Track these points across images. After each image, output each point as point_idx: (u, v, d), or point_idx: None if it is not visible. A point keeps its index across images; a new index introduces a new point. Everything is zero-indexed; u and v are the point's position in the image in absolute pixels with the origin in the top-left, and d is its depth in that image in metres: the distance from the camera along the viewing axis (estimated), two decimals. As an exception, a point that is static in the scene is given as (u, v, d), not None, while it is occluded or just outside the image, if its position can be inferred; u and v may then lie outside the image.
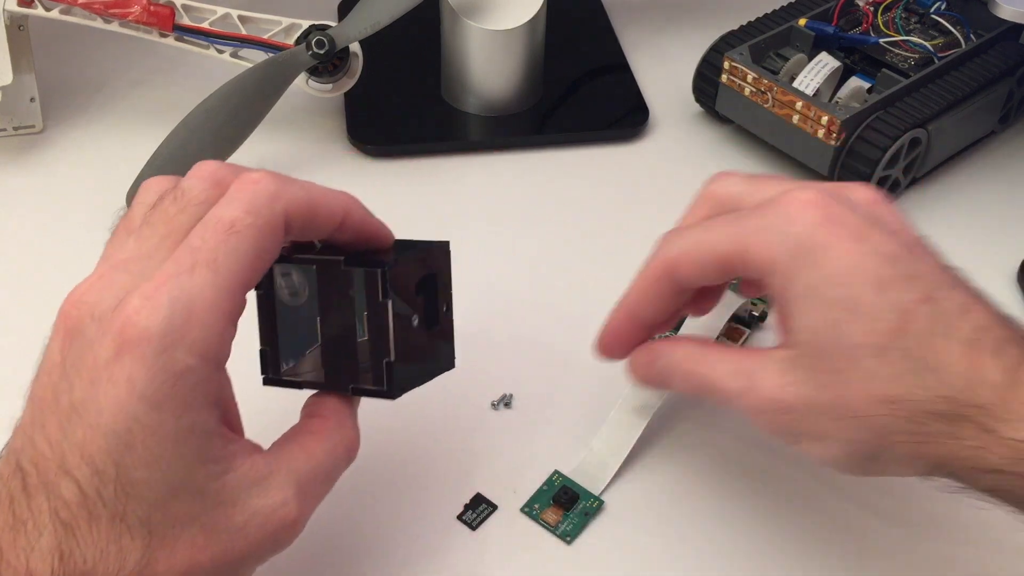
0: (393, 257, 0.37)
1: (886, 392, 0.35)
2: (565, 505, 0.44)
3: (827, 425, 0.36)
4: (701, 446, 0.47)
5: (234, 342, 0.34)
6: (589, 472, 0.46)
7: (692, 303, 0.43)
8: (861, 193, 0.39)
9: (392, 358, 0.37)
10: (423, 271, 0.39)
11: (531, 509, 0.44)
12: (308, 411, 0.39)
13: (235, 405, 0.37)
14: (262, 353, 0.39)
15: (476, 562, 0.43)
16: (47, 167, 0.61)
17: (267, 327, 0.38)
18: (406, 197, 0.60)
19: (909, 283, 0.36)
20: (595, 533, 0.44)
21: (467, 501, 0.45)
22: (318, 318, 0.38)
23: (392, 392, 0.37)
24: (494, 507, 0.44)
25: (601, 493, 0.45)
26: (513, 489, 0.45)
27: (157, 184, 0.36)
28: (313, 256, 0.37)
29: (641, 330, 0.42)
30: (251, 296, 0.36)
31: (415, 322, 0.38)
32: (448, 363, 0.41)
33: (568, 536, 0.44)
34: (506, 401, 0.49)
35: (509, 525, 0.44)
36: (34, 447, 0.32)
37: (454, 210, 0.60)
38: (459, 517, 0.44)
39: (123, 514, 0.32)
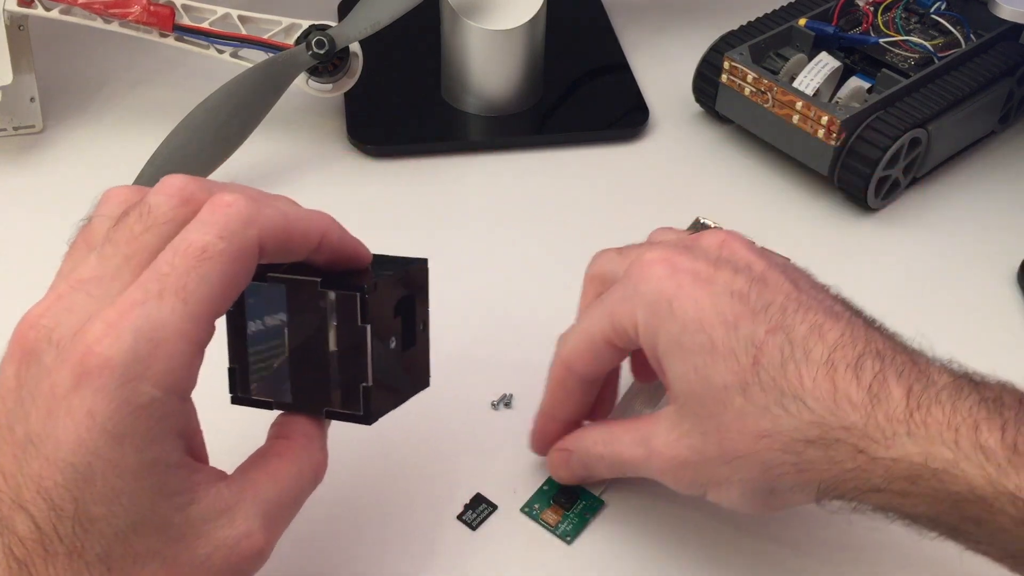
0: (372, 280, 0.36)
1: (758, 427, 0.36)
2: (565, 505, 0.44)
3: (720, 470, 0.38)
4: (701, 446, 0.47)
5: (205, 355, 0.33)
6: (589, 472, 0.46)
7: (638, 372, 0.45)
8: (709, 239, 0.40)
9: (370, 383, 0.36)
10: (401, 292, 0.38)
11: (531, 509, 0.44)
12: (275, 432, 0.37)
13: (200, 433, 0.35)
14: (231, 371, 0.37)
15: (476, 562, 0.43)
16: (47, 167, 0.61)
17: (237, 345, 0.37)
18: (406, 197, 0.60)
19: (757, 316, 0.37)
20: (595, 533, 0.44)
21: (467, 501, 0.45)
22: (290, 338, 0.36)
23: (369, 418, 0.37)
24: (494, 507, 0.44)
25: (601, 493, 0.45)
26: (513, 489, 0.45)
27: (120, 195, 0.34)
28: (287, 276, 0.36)
29: (567, 427, 0.44)
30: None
31: (392, 345, 0.37)
32: (423, 382, 0.40)
33: (568, 536, 0.44)
34: (506, 401, 0.49)
35: (509, 525, 0.44)
36: None
37: (454, 210, 0.60)
38: (459, 517, 0.44)
39: (81, 550, 0.30)
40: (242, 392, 0.37)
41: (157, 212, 0.33)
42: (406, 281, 0.38)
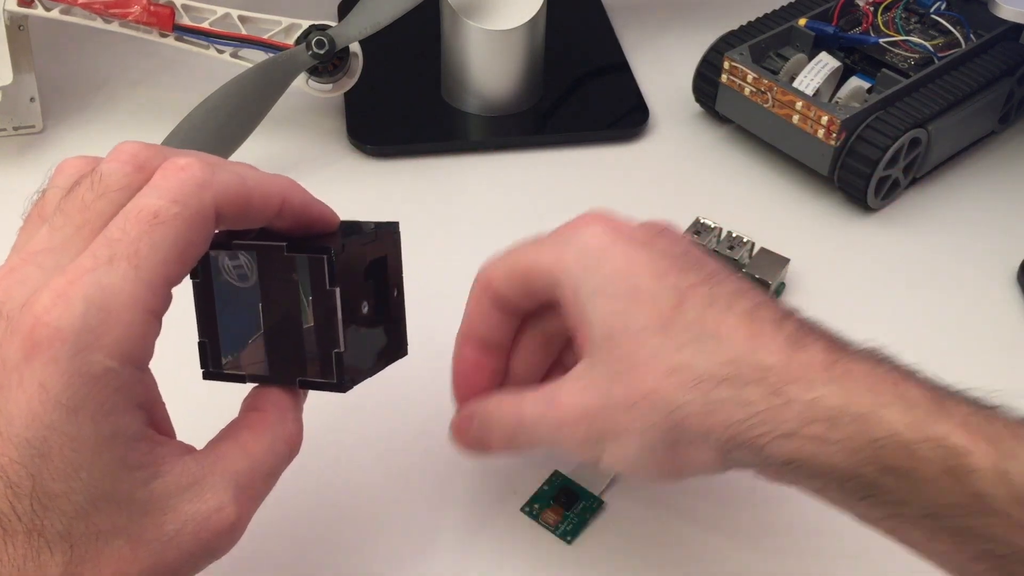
0: (340, 242, 0.35)
1: (670, 363, 0.35)
2: (565, 505, 0.44)
3: (621, 418, 0.36)
4: (701, 446, 0.47)
5: (175, 333, 0.32)
6: (589, 472, 0.46)
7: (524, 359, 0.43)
8: (648, 222, 0.40)
9: (342, 348, 0.35)
10: (372, 255, 0.37)
11: (531, 509, 0.44)
12: (248, 404, 0.36)
13: (162, 405, 0.34)
14: (201, 345, 0.36)
15: (476, 562, 0.43)
16: (47, 167, 0.61)
17: (205, 318, 0.36)
18: (406, 197, 0.60)
19: (685, 272, 0.37)
20: (595, 533, 0.44)
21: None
22: (260, 307, 0.35)
23: (343, 384, 0.35)
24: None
25: (601, 493, 0.45)
26: (513, 489, 0.45)
27: (73, 166, 0.33)
28: (252, 242, 0.35)
29: (483, 354, 0.42)
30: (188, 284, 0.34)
31: (364, 309, 0.36)
32: (400, 350, 0.39)
33: (568, 536, 0.44)
34: (506, 401, 0.49)
35: (509, 525, 0.44)
36: None
37: (454, 210, 0.60)
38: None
39: (41, 528, 0.29)
40: (214, 367, 0.36)
41: (109, 179, 0.32)
42: (376, 244, 0.37)
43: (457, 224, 0.59)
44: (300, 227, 0.35)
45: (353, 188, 0.61)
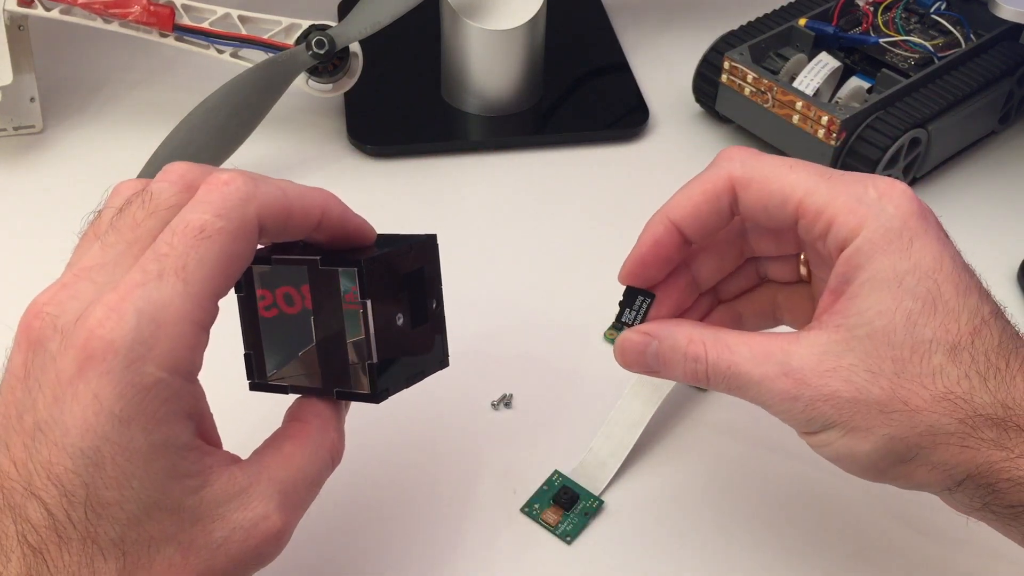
0: (372, 254, 0.36)
1: (948, 388, 0.34)
2: (565, 505, 0.44)
3: (871, 418, 0.35)
4: (701, 446, 0.47)
5: (221, 346, 0.33)
6: (589, 472, 0.46)
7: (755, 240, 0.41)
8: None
9: (375, 360, 0.35)
10: (407, 267, 0.37)
11: (531, 509, 0.44)
12: (290, 415, 0.37)
13: (210, 416, 0.35)
14: (247, 357, 0.37)
15: (476, 562, 0.43)
16: (47, 167, 0.61)
17: (250, 330, 0.37)
18: (406, 197, 0.60)
19: (985, 298, 0.36)
20: (595, 533, 0.44)
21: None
22: (301, 320, 0.36)
23: (376, 396, 0.36)
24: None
25: (601, 493, 0.45)
26: (513, 489, 0.45)
27: (127, 187, 0.34)
28: (291, 256, 0.36)
29: (674, 245, 0.39)
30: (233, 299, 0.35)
31: (399, 321, 0.37)
32: (441, 362, 0.39)
33: (568, 536, 0.44)
34: (506, 401, 0.49)
35: (509, 525, 0.44)
36: None
37: (454, 210, 0.60)
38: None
39: (95, 536, 0.30)
40: (259, 377, 0.37)
41: (159, 198, 0.33)
42: (412, 256, 0.37)
43: (457, 224, 0.59)
44: (338, 240, 0.36)
45: (353, 188, 0.60)
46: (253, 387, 0.38)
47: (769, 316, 0.43)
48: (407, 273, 0.37)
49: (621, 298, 0.39)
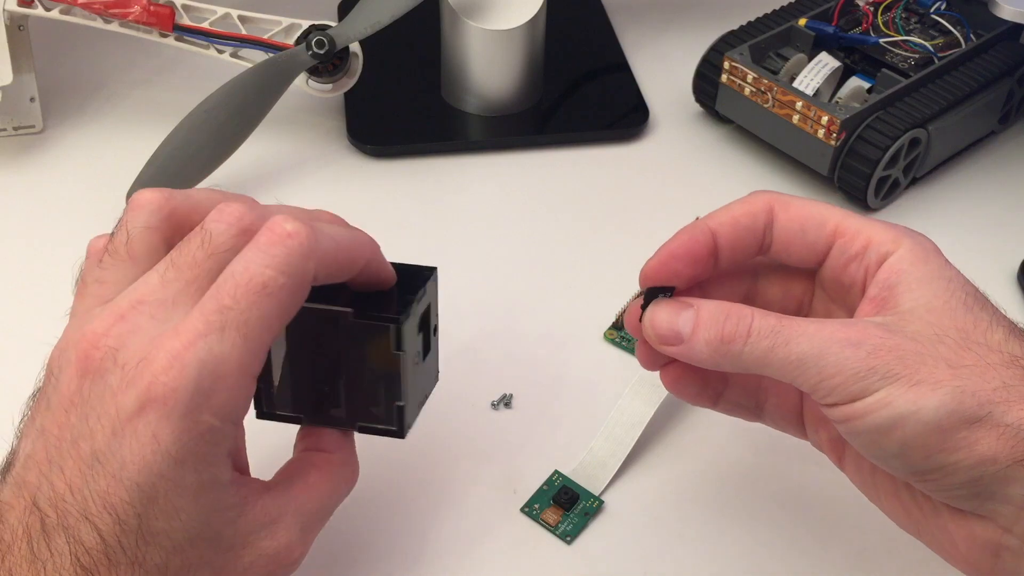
0: (400, 308, 0.37)
1: (1017, 356, 0.34)
2: (565, 505, 0.44)
3: (938, 371, 0.33)
4: (701, 446, 0.47)
5: None
6: (589, 472, 0.46)
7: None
8: None
9: (404, 403, 0.38)
10: (422, 310, 0.39)
11: (531, 509, 0.44)
12: (308, 444, 0.39)
13: (244, 449, 0.38)
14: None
15: (475, 562, 0.43)
16: (47, 167, 0.61)
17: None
18: (406, 197, 0.60)
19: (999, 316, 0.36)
20: (595, 533, 0.44)
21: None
22: (319, 358, 0.38)
23: (403, 432, 0.38)
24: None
25: (601, 493, 0.45)
26: (513, 489, 0.45)
27: (148, 200, 0.35)
28: (320, 307, 0.36)
29: (705, 248, 0.38)
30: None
31: (417, 361, 0.39)
32: (436, 378, 0.42)
33: (568, 536, 0.44)
34: (506, 401, 0.49)
35: (509, 525, 0.44)
36: (52, 489, 0.32)
37: (454, 210, 0.60)
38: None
39: (142, 560, 0.33)
40: (267, 408, 0.39)
41: (218, 240, 0.34)
42: (425, 298, 0.39)
43: (457, 224, 0.59)
44: (367, 284, 0.38)
45: (353, 188, 0.61)
46: (261, 416, 0.39)
47: (752, 396, 0.41)
48: (421, 314, 0.39)
49: (642, 300, 0.39)
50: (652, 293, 0.38)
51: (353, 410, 0.38)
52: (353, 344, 0.37)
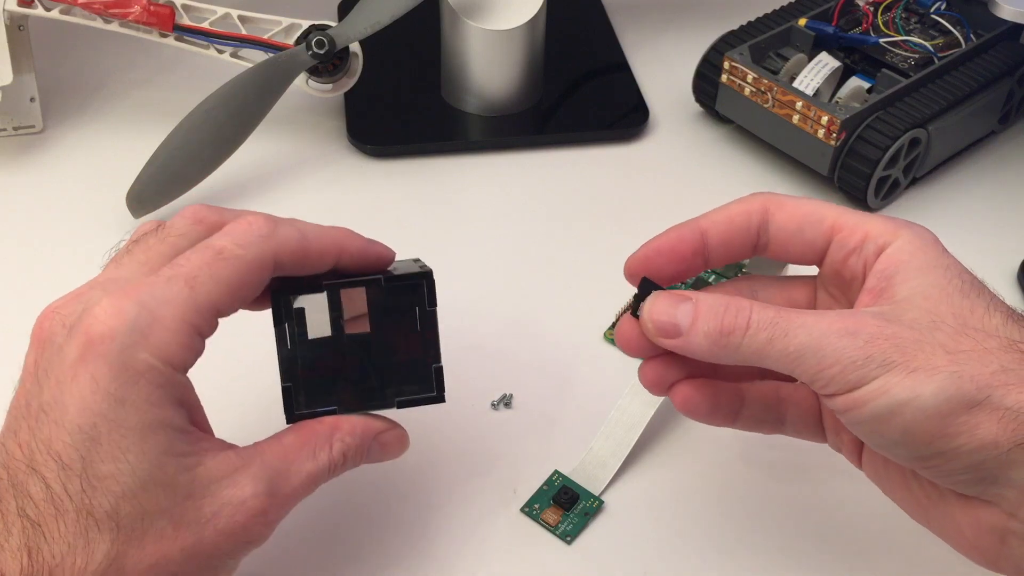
0: (419, 267, 0.38)
1: (1015, 340, 0.34)
2: (565, 505, 0.44)
3: (935, 358, 0.33)
4: (701, 446, 0.47)
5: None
6: (589, 472, 0.46)
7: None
8: None
9: (441, 363, 0.38)
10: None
11: (531, 509, 0.44)
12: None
13: (202, 410, 0.37)
14: (285, 390, 0.38)
15: (475, 562, 0.43)
16: (47, 167, 0.61)
17: (288, 362, 0.38)
18: (406, 197, 0.60)
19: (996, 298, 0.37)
20: (595, 533, 0.44)
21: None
22: (348, 342, 0.38)
23: (442, 396, 0.38)
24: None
25: (601, 493, 0.45)
26: (513, 489, 0.45)
27: (146, 225, 0.38)
28: (349, 279, 0.37)
29: (692, 246, 0.38)
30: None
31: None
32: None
33: (568, 536, 0.44)
34: (506, 401, 0.49)
35: (509, 525, 0.44)
36: (6, 451, 0.33)
37: (454, 210, 0.60)
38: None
39: (90, 507, 0.32)
40: (299, 409, 0.38)
41: (171, 228, 0.36)
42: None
43: (457, 224, 0.59)
44: (361, 270, 0.38)
45: (353, 188, 0.61)
46: (293, 419, 0.38)
47: (773, 409, 0.40)
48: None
49: (636, 291, 0.38)
50: (646, 286, 0.37)
51: (389, 387, 0.38)
52: (384, 316, 0.37)
